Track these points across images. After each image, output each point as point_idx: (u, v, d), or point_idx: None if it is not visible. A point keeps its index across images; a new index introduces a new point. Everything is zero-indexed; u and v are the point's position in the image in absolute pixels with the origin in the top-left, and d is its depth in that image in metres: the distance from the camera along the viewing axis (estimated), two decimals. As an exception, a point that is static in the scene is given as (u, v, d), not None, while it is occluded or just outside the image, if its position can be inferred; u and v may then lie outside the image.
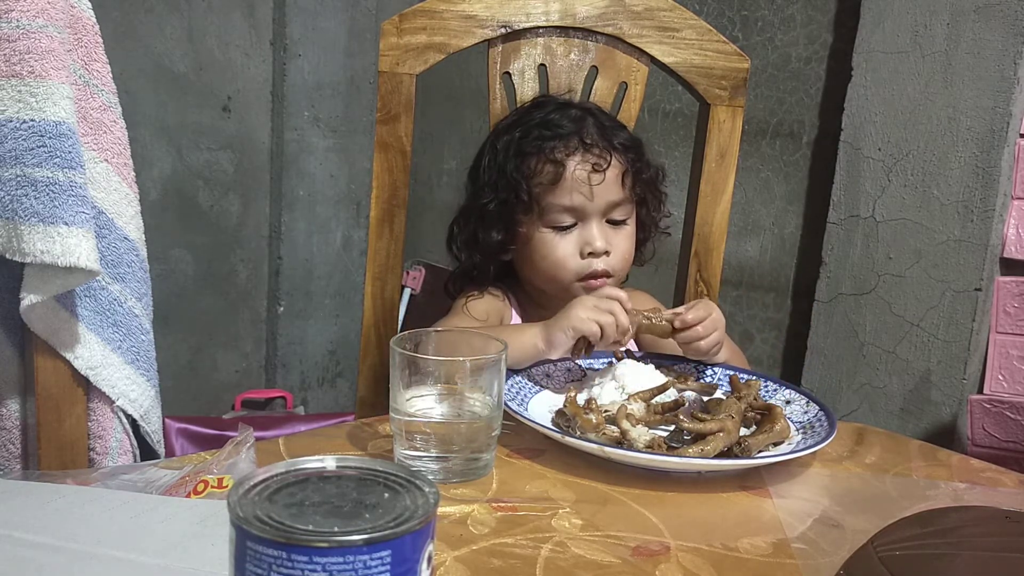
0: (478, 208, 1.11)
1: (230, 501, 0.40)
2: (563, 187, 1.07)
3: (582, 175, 1.06)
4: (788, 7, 1.83)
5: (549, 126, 1.09)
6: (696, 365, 1.00)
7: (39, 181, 0.85)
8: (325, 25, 2.25)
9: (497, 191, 1.10)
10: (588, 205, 1.07)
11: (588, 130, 1.08)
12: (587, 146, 1.07)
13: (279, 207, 2.27)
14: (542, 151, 1.07)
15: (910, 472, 0.85)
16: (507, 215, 1.09)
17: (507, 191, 1.09)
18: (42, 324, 0.92)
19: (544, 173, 1.07)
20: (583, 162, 1.07)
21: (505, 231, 1.10)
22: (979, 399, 1.59)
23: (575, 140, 1.07)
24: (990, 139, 1.53)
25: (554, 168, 1.07)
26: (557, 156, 1.07)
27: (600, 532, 0.67)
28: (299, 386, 2.40)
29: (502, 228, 1.10)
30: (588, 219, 1.08)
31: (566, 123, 1.09)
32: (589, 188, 1.06)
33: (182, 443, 1.93)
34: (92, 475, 0.75)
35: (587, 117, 1.10)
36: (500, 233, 1.10)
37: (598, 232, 1.08)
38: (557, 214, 1.08)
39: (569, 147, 1.07)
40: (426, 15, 1.09)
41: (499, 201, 1.09)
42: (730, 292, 1.95)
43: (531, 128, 1.10)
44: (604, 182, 1.07)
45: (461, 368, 0.75)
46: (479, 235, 1.11)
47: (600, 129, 1.09)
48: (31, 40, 0.85)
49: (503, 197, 1.09)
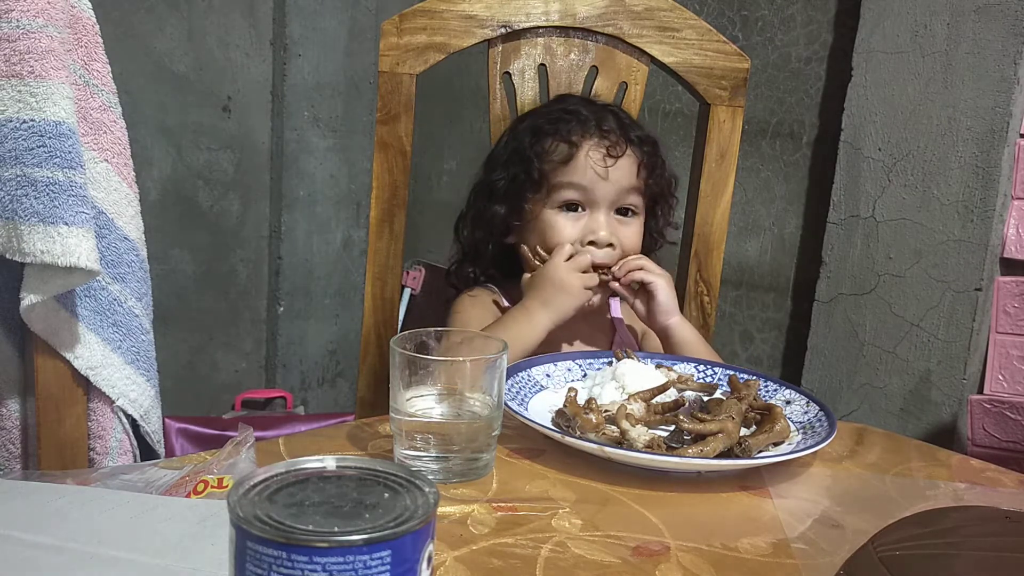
0: (487, 185, 1.14)
1: (230, 501, 0.40)
2: (574, 167, 1.08)
3: (596, 157, 1.08)
4: (788, 7, 1.83)
5: (569, 112, 1.11)
6: (696, 365, 1.00)
7: (39, 181, 0.85)
8: (325, 25, 2.25)
9: (508, 168, 1.12)
10: (598, 188, 1.08)
11: (607, 119, 1.11)
12: (604, 132, 1.09)
13: (279, 207, 2.27)
14: (558, 131, 1.09)
15: (910, 472, 0.85)
16: (515, 192, 1.11)
17: (518, 167, 1.11)
18: (42, 324, 0.92)
19: (557, 152, 1.09)
20: (598, 145, 1.09)
21: (511, 208, 1.12)
22: (979, 399, 1.59)
23: (592, 125, 1.09)
24: (990, 139, 1.53)
25: (568, 148, 1.08)
26: (573, 138, 1.09)
27: (600, 532, 0.67)
28: (299, 386, 2.40)
29: (508, 205, 1.12)
30: (597, 207, 1.09)
31: (586, 112, 1.11)
32: (604, 170, 1.08)
33: (182, 443, 1.93)
34: (92, 475, 0.75)
35: (608, 111, 1.12)
36: (504, 208, 1.12)
37: (605, 222, 1.10)
38: (566, 192, 1.09)
39: (586, 130, 1.09)
40: (426, 15, 1.09)
41: (509, 178, 1.12)
42: (730, 292, 1.95)
43: (552, 112, 1.12)
44: (617, 169, 1.08)
45: (461, 368, 0.75)
46: (485, 212, 1.13)
47: (619, 122, 1.11)
48: (31, 40, 0.85)
49: (514, 173, 1.11)
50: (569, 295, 1.06)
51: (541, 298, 1.06)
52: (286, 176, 2.27)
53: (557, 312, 1.06)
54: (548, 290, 1.06)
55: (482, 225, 1.15)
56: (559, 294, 1.05)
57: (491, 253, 1.17)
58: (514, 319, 1.06)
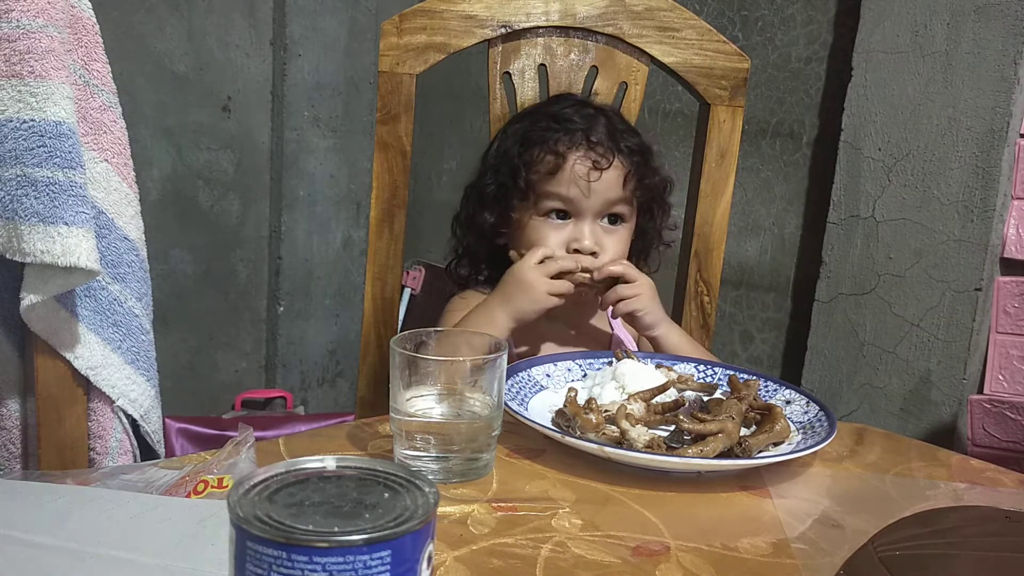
0: (479, 189, 1.14)
1: (230, 501, 0.40)
2: (560, 179, 1.08)
3: (581, 170, 1.07)
4: (788, 7, 1.83)
5: (559, 119, 1.10)
6: (696, 365, 1.00)
7: (39, 181, 0.85)
8: (325, 25, 2.25)
9: (497, 175, 1.12)
10: (583, 201, 1.08)
11: (596, 129, 1.09)
12: (592, 144, 1.08)
13: (279, 207, 2.27)
14: (546, 141, 1.09)
15: (910, 472, 0.85)
16: (502, 199, 1.11)
17: (506, 175, 1.11)
18: (42, 324, 0.92)
19: (544, 163, 1.09)
20: (584, 158, 1.08)
21: (498, 215, 1.12)
22: (979, 399, 1.59)
23: (580, 136, 1.09)
24: (990, 139, 1.53)
25: (554, 159, 1.08)
26: (560, 148, 1.08)
27: (600, 532, 0.67)
28: (299, 386, 2.40)
29: (496, 212, 1.12)
30: (582, 216, 1.09)
31: (577, 119, 1.10)
32: (587, 184, 1.07)
33: (182, 443, 1.93)
34: (92, 475, 0.75)
35: (600, 117, 1.11)
36: (493, 216, 1.12)
37: (589, 231, 1.09)
38: (551, 202, 1.09)
39: (573, 141, 1.08)
40: (426, 15, 1.09)
41: (497, 184, 1.12)
42: (730, 292, 1.95)
43: (541, 119, 1.11)
44: (603, 181, 1.07)
45: (461, 368, 0.75)
46: (475, 216, 1.14)
47: (609, 130, 1.10)
48: (31, 40, 0.85)
49: (501, 180, 1.11)
50: (531, 298, 1.04)
51: (503, 296, 1.05)
52: (286, 176, 2.27)
53: (516, 312, 1.04)
54: (511, 289, 1.05)
55: (473, 229, 1.15)
56: (520, 294, 1.05)
57: (484, 254, 1.17)
58: (475, 315, 1.06)
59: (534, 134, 1.10)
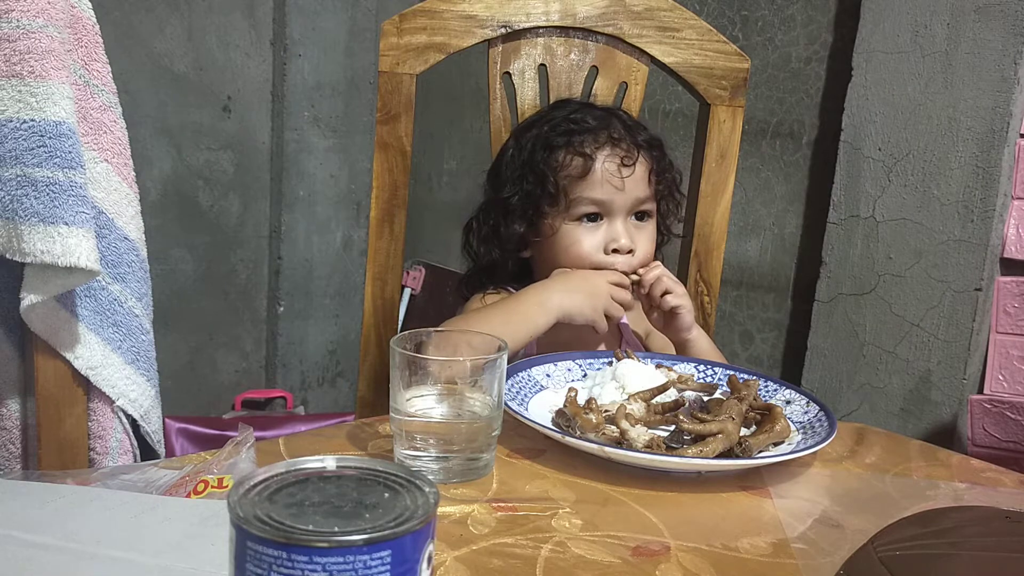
0: (501, 203, 1.12)
1: (230, 501, 0.40)
2: (592, 180, 1.08)
3: (612, 168, 1.08)
4: (788, 7, 1.83)
5: (576, 121, 1.10)
6: (696, 365, 1.00)
7: (39, 181, 0.85)
8: (325, 25, 2.25)
9: (522, 184, 1.11)
10: (616, 199, 1.08)
11: (615, 126, 1.10)
12: (615, 141, 1.09)
13: (279, 207, 2.27)
14: (571, 144, 1.09)
15: (910, 472, 0.85)
16: (532, 208, 1.10)
17: (534, 183, 1.09)
18: (42, 324, 0.92)
19: (573, 166, 1.08)
20: (612, 156, 1.08)
21: (528, 224, 1.11)
22: (979, 399, 1.59)
23: (603, 135, 1.09)
24: (990, 139, 1.53)
25: (583, 161, 1.08)
26: (586, 150, 1.08)
27: (600, 532, 0.67)
28: (299, 386, 2.40)
29: (525, 221, 1.11)
30: (614, 215, 1.09)
31: (591, 120, 1.10)
32: (621, 181, 1.08)
33: (182, 443, 1.93)
34: (92, 475, 0.75)
35: (611, 115, 1.12)
36: (523, 226, 1.11)
37: (623, 229, 1.09)
38: (585, 207, 1.09)
39: (598, 141, 1.09)
40: (426, 15, 1.09)
41: (524, 193, 1.10)
42: (730, 292, 1.95)
43: (558, 123, 1.11)
44: (632, 179, 1.08)
45: (461, 368, 0.75)
46: (500, 229, 1.12)
47: (626, 127, 1.11)
48: (31, 40, 0.85)
49: (528, 189, 1.10)
50: (593, 296, 1.04)
51: (566, 286, 1.05)
52: (286, 176, 2.27)
53: (572, 304, 1.03)
54: (576, 283, 1.05)
55: (497, 243, 1.13)
56: (584, 290, 1.04)
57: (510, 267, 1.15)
58: (526, 293, 1.05)
59: (556, 139, 1.09)
